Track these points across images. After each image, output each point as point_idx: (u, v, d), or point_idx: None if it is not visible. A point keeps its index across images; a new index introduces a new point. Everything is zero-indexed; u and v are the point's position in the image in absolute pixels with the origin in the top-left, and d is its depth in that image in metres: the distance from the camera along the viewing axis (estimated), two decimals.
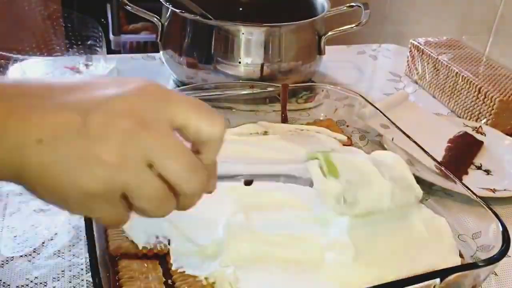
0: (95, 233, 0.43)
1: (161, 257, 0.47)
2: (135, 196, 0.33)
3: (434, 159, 0.59)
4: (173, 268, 0.46)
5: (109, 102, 0.32)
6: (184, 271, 0.45)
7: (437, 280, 0.42)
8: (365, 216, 0.49)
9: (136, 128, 0.32)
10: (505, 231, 0.47)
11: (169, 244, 0.48)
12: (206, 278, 0.44)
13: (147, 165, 0.32)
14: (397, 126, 0.65)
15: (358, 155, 0.58)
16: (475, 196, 0.52)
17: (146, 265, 0.46)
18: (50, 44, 0.89)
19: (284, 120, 0.74)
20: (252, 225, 0.50)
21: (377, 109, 0.69)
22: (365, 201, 0.48)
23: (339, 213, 0.48)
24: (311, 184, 0.48)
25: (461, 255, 0.50)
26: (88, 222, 0.44)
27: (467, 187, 0.54)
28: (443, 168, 0.57)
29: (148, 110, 0.33)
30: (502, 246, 0.46)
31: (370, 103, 0.71)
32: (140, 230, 0.48)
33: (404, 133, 0.64)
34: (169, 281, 0.45)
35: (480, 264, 0.44)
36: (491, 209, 0.49)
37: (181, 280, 0.44)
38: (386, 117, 0.68)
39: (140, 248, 0.47)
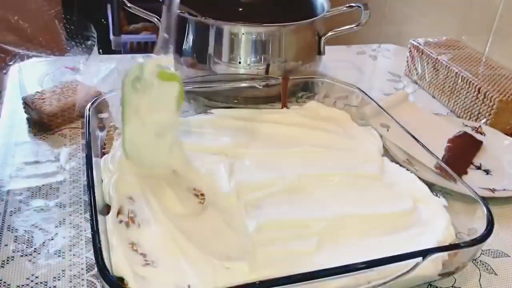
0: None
1: None
2: None
3: (434, 155, 0.59)
4: None
5: None
6: None
7: (420, 259, 0.44)
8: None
9: None
10: (489, 214, 0.49)
11: None
12: None
13: None
14: (396, 121, 0.65)
15: None
16: (473, 191, 0.53)
17: None
18: (50, 44, 0.89)
19: None
20: None
21: (376, 103, 0.70)
22: None
23: None
24: None
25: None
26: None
27: (465, 183, 0.55)
28: (442, 164, 0.58)
29: None
30: (485, 228, 0.48)
31: (368, 96, 0.71)
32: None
33: (403, 128, 0.64)
34: None
35: (462, 244, 0.47)
36: (485, 204, 0.50)
37: None
38: (384, 110, 0.68)
39: None
